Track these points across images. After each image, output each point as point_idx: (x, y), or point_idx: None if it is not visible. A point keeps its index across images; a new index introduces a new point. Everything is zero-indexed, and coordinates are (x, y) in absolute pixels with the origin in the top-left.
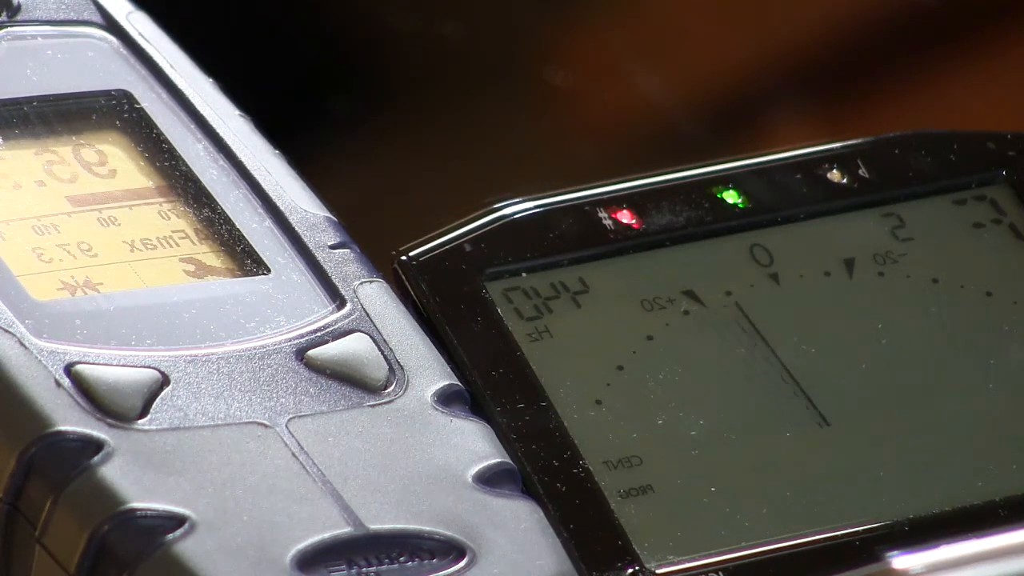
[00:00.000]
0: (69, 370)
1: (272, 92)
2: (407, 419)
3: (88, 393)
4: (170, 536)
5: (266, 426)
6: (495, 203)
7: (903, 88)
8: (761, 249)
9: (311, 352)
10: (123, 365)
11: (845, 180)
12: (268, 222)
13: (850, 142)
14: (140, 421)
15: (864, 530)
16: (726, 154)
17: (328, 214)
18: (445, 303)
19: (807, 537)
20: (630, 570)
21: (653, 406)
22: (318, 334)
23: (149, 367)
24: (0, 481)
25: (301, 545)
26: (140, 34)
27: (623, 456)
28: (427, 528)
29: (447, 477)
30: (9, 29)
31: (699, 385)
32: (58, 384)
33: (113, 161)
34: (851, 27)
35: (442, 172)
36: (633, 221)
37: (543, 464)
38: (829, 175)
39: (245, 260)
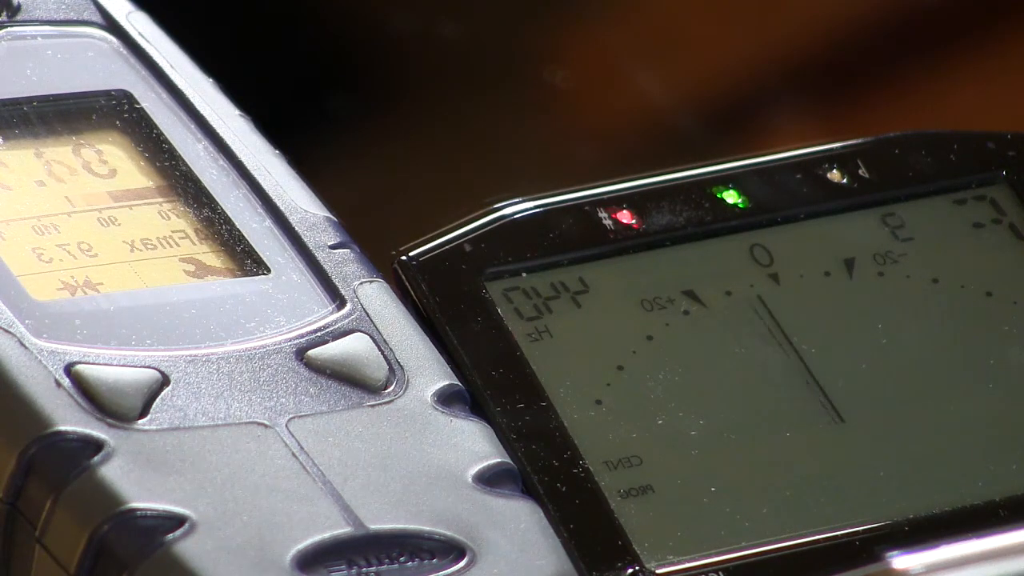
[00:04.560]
0: (69, 370)
1: (272, 92)
2: (407, 419)
3: (88, 393)
4: (170, 536)
5: (266, 426)
6: (495, 203)
7: (903, 88)
8: (761, 249)
9: (311, 352)
10: (123, 365)
11: (845, 180)
12: (268, 222)
13: (850, 142)
14: (140, 421)
15: (864, 530)
16: (726, 154)
17: (328, 214)
18: (445, 303)
19: (807, 537)
20: (630, 570)
21: (653, 406)
22: (318, 334)
23: (149, 367)
24: (0, 481)
25: (301, 545)
26: (140, 34)
27: (623, 456)
28: (427, 528)
29: (447, 477)
30: (9, 29)
31: (699, 385)
32: (58, 384)
33: (113, 161)
34: (851, 27)
35: (442, 172)
36: (633, 221)
37: (543, 464)
38: (829, 175)
39: (245, 260)
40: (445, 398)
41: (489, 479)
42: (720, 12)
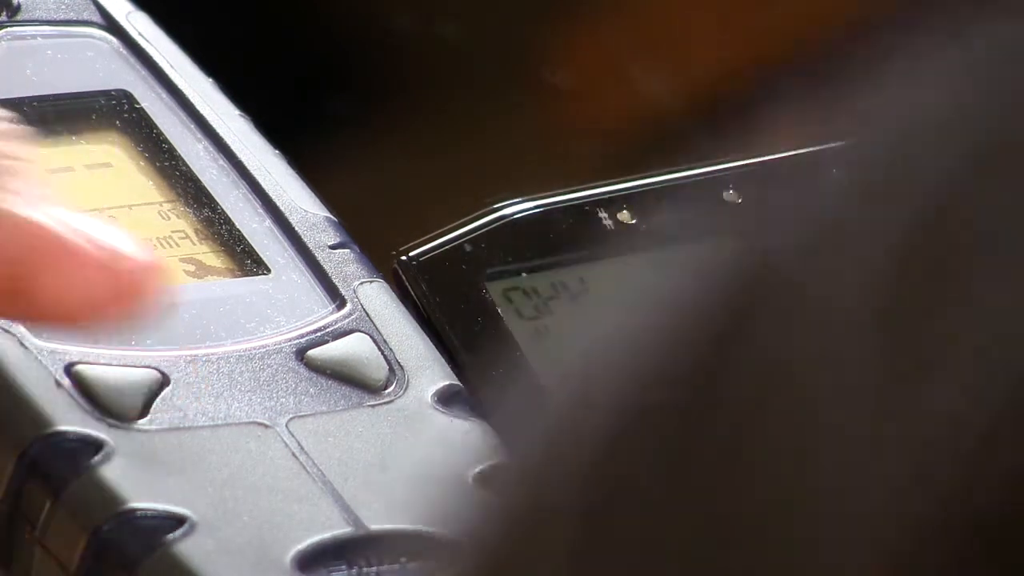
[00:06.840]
0: (69, 370)
1: (272, 92)
2: (407, 419)
3: (88, 393)
4: (170, 536)
5: (266, 426)
6: (495, 203)
7: None
8: None
9: (311, 352)
10: (123, 365)
11: None
12: (268, 222)
13: None
14: (140, 421)
15: None
16: (726, 154)
17: (328, 214)
18: (445, 303)
19: None
20: None
21: None
22: (318, 334)
23: (149, 367)
24: (0, 481)
25: (301, 545)
26: (140, 34)
27: None
28: (428, 528)
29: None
30: (9, 29)
31: None
32: (58, 384)
33: (113, 161)
34: (851, 27)
35: (442, 172)
36: (633, 221)
37: None
38: None
39: (245, 260)
40: (445, 398)
41: None
42: (721, 12)
